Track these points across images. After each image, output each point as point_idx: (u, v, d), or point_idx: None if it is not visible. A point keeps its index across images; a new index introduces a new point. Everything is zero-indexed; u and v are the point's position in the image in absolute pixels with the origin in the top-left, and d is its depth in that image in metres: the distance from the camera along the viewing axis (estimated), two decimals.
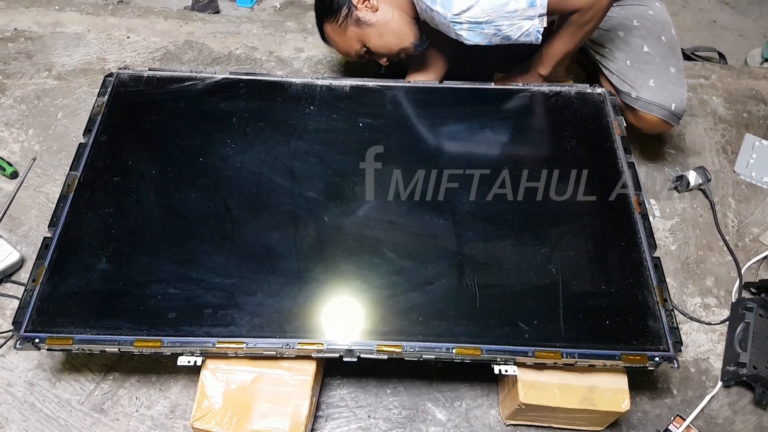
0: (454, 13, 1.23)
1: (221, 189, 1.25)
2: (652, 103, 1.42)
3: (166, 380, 1.25)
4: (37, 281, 1.12)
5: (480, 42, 1.29)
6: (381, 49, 1.42)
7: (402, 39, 1.41)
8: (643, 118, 1.44)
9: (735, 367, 1.29)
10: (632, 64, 1.46)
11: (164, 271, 1.14)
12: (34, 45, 1.82)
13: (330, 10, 1.39)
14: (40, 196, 1.50)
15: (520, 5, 1.19)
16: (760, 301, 1.37)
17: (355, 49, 1.43)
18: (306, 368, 1.09)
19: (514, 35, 1.25)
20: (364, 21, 1.38)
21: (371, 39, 1.40)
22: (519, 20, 1.22)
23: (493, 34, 1.26)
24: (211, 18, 1.97)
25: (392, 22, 1.39)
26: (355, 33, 1.40)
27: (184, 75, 1.44)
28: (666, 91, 1.43)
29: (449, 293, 1.13)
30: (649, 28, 1.49)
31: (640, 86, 1.44)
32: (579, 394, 1.09)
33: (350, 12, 1.37)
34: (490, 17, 1.22)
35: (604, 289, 1.14)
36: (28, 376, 1.24)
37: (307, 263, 1.16)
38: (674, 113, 1.43)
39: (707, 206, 1.59)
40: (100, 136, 1.32)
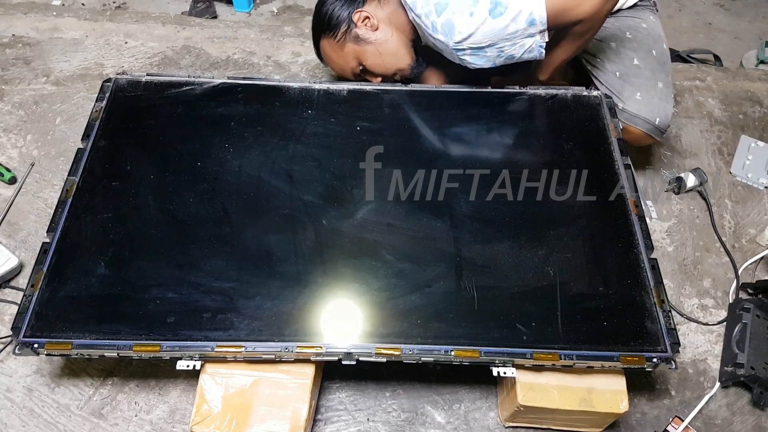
0: (456, 41, 1.23)
1: (220, 193, 1.26)
2: (637, 116, 1.43)
3: (165, 385, 1.25)
4: (36, 286, 1.12)
5: (484, 65, 1.30)
6: (377, 68, 1.43)
7: (399, 60, 1.42)
8: (627, 131, 1.44)
9: (733, 368, 1.30)
10: (621, 76, 1.47)
11: (163, 275, 1.14)
12: (32, 51, 1.82)
13: (329, 25, 1.40)
14: (38, 201, 1.50)
15: (520, 25, 1.19)
16: (757, 301, 1.37)
17: (351, 66, 1.44)
18: (305, 371, 1.09)
19: (518, 54, 1.26)
20: (363, 38, 1.39)
21: (368, 57, 1.41)
22: (521, 39, 1.23)
23: (497, 55, 1.27)
24: (208, 23, 1.98)
25: (390, 42, 1.40)
26: (353, 50, 1.41)
27: (182, 80, 1.44)
28: (651, 106, 1.43)
29: (448, 295, 1.13)
30: (641, 41, 1.50)
31: (627, 98, 1.44)
32: (577, 395, 1.09)
33: (349, 29, 1.39)
34: (491, 41, 1.23)
35: (601, 291, 1.14)
36: (27, 382, 1.24)
37: (305, 266, 1.16)
38: (658, 127, 1.44)
39: (704, 208, 1.60)
40: (99, 141, 1.32)
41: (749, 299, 1.40)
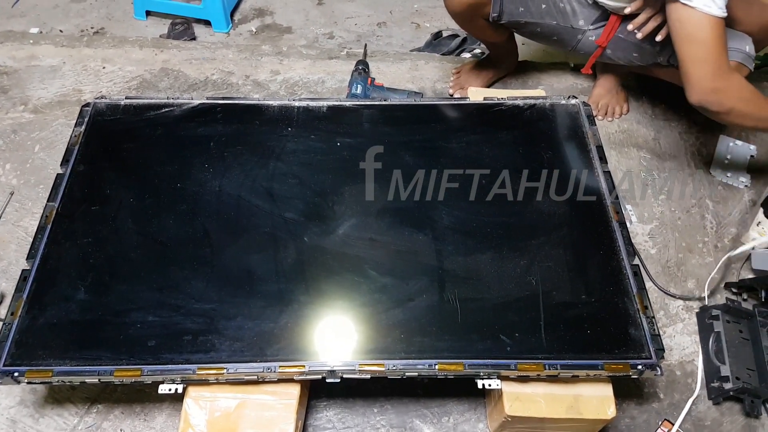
0: None
1: (200, 214, 1.25)
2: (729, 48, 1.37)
3: (150, 410, 1.24)
4: (16, 314, 1.11)
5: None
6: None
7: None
8: None
9: (719, 383, 1.29)
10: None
11: (143, 298, 1.13)
12: (10, 80, 1.82)
13: None
14: (18, 230, 1.49)
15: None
16: (722, 307, 1.37)
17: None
18: (290, 392, 1.08)
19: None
20: None
21: None
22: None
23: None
24: (186, 45, 1.98)
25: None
26: None
27: (161, 102, 1.44)
28: (737, 36, 1.43)
29: (431, 309, 1.13)
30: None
31: None
32: (564, 403, 1.09)
33: None
34: None
35: (584, 299, 1.14)
36: (10, 413, 1.23)
37: (287, 285, 1.16)
38: (749, 54, 1.43)
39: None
40: (78, 166, 1.32)
41: (715, 306, 1.39)
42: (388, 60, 1.98)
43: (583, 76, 1.92)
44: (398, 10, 2.36)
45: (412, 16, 2.35)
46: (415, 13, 2.36)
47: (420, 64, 1.97)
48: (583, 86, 1.91)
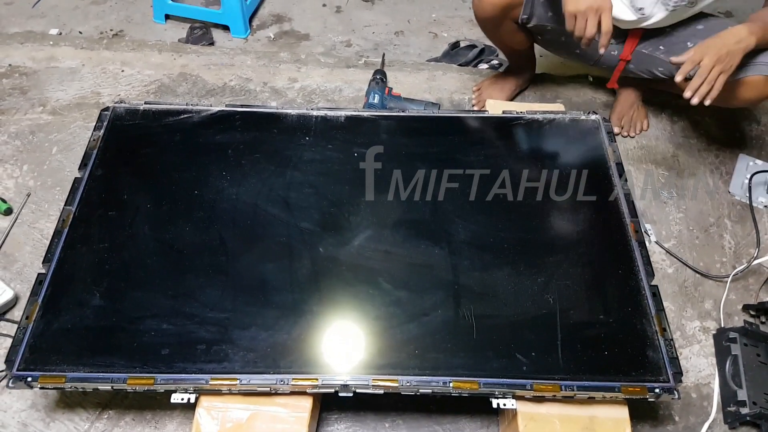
0: None
1: (216, 221, 1.25)
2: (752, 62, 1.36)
3: (161, 418, 1.23)
4: (31, 318, 1.11)
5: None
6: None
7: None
8: (745, 85, 1.39)
9: (735, 407, 1.27)
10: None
11: (158, 306, 1.13)
12: (29, 80, 1.83)
13: None
14: (34, 232, 1.49)
15: None
16: (740, 329, 1.35)
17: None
18: (302, 404, 1.08)
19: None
20: None
21: None
22: None
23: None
24: (204, 50, 1.99)
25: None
26: None
27: (180, 108, 1.45)
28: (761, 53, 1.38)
29: (446, 324, 1.12)
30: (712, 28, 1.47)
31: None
32: (580, 424, 1.08)
33: None
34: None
35: (602, 319, 1.13)
36: (21, 417, 1.23)
37: (301, 295, 1.15)
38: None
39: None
40: (96, 170, 1.32)
41: (732, 328, 1.37)
42: (405, 70, 1.97)
43: (603, 89, 1.91)
44: (416, 20, 2.36)
45: (430, 26, 2.34)
46: (433, 23, 2.35)
47: (437, 75, 1.96)
48: (602, 100, 1.90)
